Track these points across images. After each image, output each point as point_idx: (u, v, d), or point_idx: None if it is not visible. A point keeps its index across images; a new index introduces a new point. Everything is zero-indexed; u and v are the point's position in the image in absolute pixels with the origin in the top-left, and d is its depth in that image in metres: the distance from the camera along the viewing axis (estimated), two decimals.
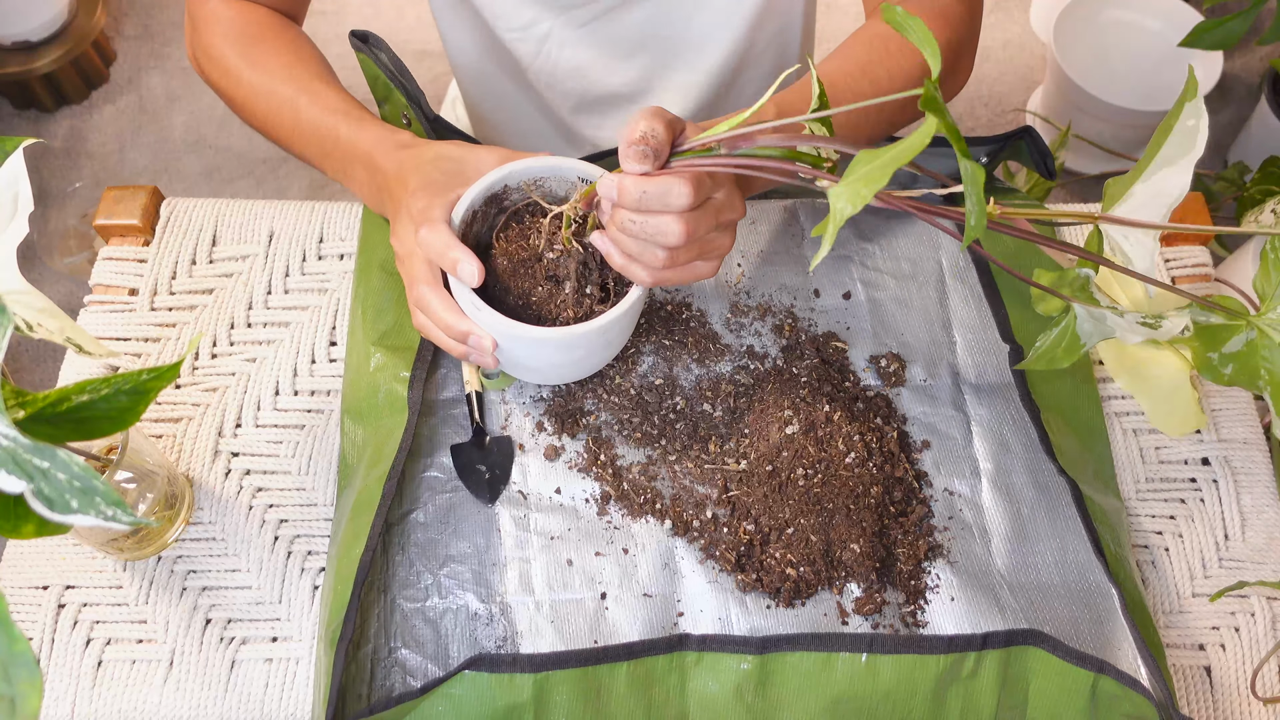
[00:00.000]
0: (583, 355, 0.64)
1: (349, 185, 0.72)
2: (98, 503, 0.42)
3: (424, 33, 1.93)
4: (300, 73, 0.72)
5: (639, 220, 0.54)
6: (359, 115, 0.70)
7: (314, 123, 0.70)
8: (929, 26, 0.68)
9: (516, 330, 0.58)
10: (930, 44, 0.47)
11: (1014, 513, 0.67)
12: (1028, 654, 0.61)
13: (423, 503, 0.66)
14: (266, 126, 0.73)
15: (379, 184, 0.67)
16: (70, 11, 1.81)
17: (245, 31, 0.74)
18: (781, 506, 0.64)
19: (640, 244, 0.55)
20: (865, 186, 0.42)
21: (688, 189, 0.52)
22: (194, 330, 0.74)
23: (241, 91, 0.73)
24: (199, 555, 0.66)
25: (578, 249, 0.61)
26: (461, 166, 0.63)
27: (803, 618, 0.62)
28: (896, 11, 0.47)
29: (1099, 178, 1.75)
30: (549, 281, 0.62)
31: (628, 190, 0.53)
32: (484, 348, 0.60)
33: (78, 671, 0.62)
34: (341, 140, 0.69)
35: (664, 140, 0.53)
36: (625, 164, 0.53)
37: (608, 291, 0.63)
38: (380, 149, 0.67)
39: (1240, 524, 0.69)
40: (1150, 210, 0.56)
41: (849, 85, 0.67)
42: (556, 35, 0.85)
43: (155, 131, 1.86)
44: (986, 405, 0.71)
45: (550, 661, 0.58)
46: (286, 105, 0.71)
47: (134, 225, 0.78)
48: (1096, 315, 0.59)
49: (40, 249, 1.69)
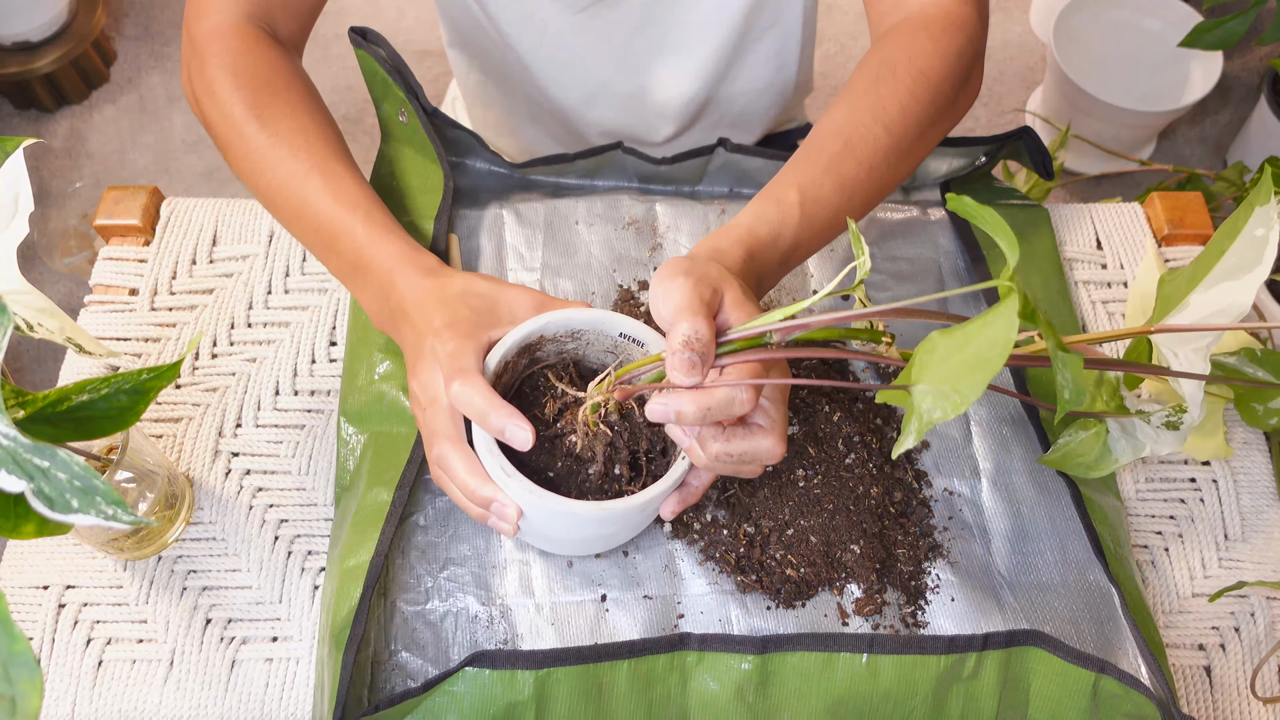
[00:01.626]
0: (616, 531, 0.59)
1: (352, 289, 0.66)
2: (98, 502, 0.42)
3: (424, 32, 1.93)
4: (316, 143, 0.66)
5: (736, 452, 0.52)
6: (381, 219, 0.64)
7: (328, 215, 0.64)
8: (935, 37, 0.67)
9: (549, 503, 0.53)
10: (1008, 237, 0.43)
11: (1014, 513, 0.67)
12: (1028, 654, 0.61)
13: (423, 506, 0.66)
14: (266, 196, 0.67)
15: (393, 307, 0.62)
16: (70, 11, 1.81)
17: (255, 74, 0.68)
18: (781, 508, 0.64)
19: (742, 464, 0.54)
20: (957, 393, 0.39)
21: (749, 395, 0.50)
22: (194, 330, 0.74)
23: (245, 149, 0.67)
24: (199, 555, 0.66)
25: (604, 431, 0.57)
26: (492, 305, 0.59)
27: (803, 619, 0.62)
28: (964, 201, 0.45)
29: (1098, 178, 1.75)
30: (570, 459, 0.58)
31: (687, 415, 0.50)
32: (508, 516, 0.55)
33: (78, 671, 0.62)
34: (360, 245, 0.63)
35: (709, 340, 0.49)
36: (673, 375, 0.49)
37: (639, 467, 0.59)
38: (402, 270, 0.61)
39: (1240, 524, 0.69)
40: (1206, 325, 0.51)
41: (863, 138, 0.63)
42: (555, 24, 0.85)
43: (155, 131, 1.86)
44: (986, 405, 0.71)
45: (551, 658, 0.58)
46: (294, 183, 0.65)
47: (134, 225, 0.78)
48: (1129, 428, 0.56)
49: (40, 249, 1.69)
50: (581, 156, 0.79)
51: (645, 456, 0.59)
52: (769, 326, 0.50)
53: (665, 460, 0.59)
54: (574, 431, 0.57)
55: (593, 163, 0.80)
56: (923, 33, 0.67)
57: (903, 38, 0.68)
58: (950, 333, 0.40)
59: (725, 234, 0.59)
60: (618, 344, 0.59)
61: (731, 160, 0.79)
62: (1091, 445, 0.58)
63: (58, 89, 1.84)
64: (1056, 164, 1.55)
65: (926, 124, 0.66)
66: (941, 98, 0.66)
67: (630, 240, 0.77)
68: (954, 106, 0.69)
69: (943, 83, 0.66)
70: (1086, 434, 0.58)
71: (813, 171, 0.62)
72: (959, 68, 0.67)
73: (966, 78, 0.69)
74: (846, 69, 1.95)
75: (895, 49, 0.67)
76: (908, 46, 0.67)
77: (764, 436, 0.53)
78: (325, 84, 1.86)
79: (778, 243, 0.60)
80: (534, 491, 0.53)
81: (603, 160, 0.80)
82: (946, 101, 0.67)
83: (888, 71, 0.66)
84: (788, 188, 0.61)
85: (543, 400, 0.59)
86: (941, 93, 0.66)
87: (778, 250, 0.60)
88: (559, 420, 0.58)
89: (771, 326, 0.49)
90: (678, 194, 0.82)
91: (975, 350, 0.39)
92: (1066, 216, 0.83)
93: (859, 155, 0.63)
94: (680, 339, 0.49)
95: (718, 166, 0.80)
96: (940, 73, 0.66)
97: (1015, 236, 0.43)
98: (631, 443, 0.58)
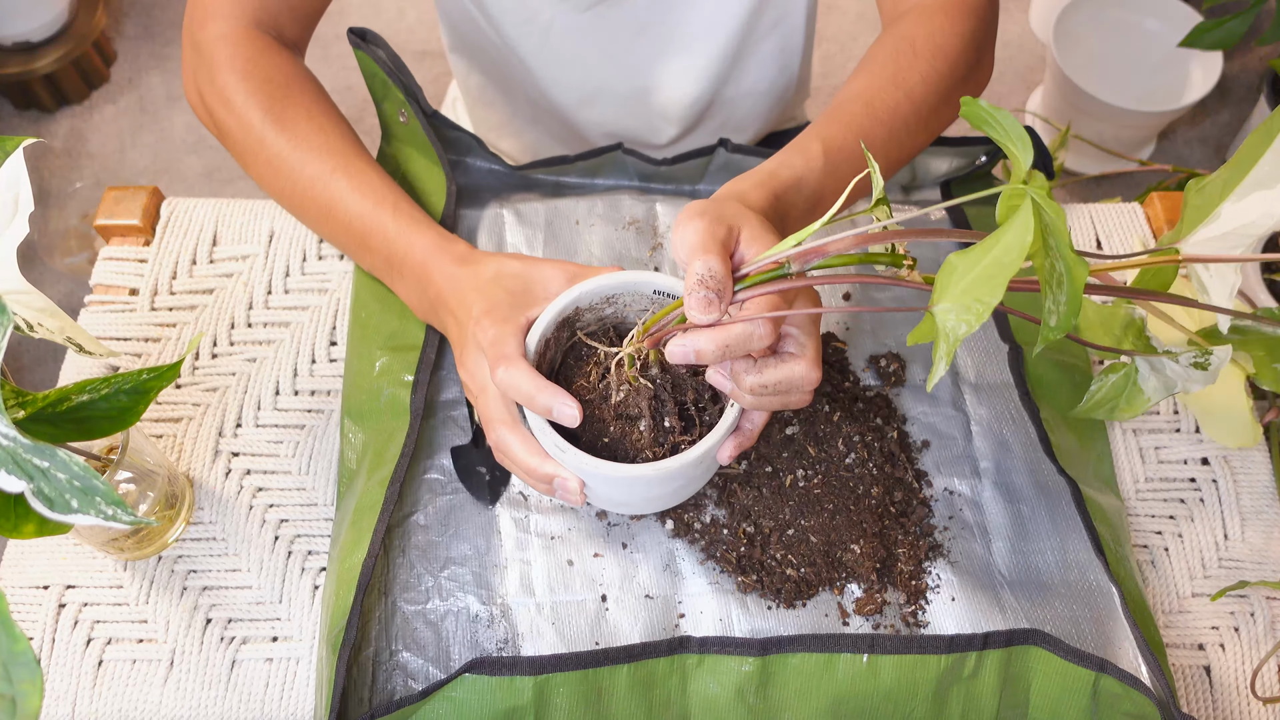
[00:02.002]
0: (679, 486, 0.59)
1: (389, 283, 0.68)
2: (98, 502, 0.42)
3: (424, 33, 1.93)
4: (336, 142, 0.67)
5: (770, 382, 0.52)
6: (409, 211, 0.65)
7: (358, 212, 0.65)
8: (952, 18, 0.68)
9: (605, 470, 0.55)
10: (1023, 140, 0.43)
11: (1014, 512, 0.67)
12: (1029, 653, 0.61)
13: (423, 505, 0.66)
14: (291, 200, 0.68)
15: (432, 298, 0.63)
16: (71, 12, 1.81)
17: (269, 79, 0.68)
18: (781, 507, 0.64)
19: (783, 396, 0.53)
20: (979, 302, 0.38)
21: (768, 328, 0.49)
22: (194, 330, 0.74)
23: (266, 155, 0.67)
24: (199, 555, 0.66)
25: (646, 385, 0.57)
26: (527, 285, 0.60)
27: (804, 618, 0.62)
28: (979, 105, 0.44)
29: (1098, 178, 1.75)
30: (620, 420, 0.58)
31: (706, 353, 0.50)
32: (571, 489, 0.56)
33: (78, 671, 0.62)
34: (391, 240, 0.65)
35: (724, 276, 0.49)
36: (690, 314, 0.49)
37: (690, 418, 0.59)
38: (436, 263, 0.63)
39: (1240, 524, 0.69)
40: (1236, 239, 0.48)
41: (884, 101, 0.65)
42: (559, 24, 0.85)
43: (155, 131, 1.86)
44: (986, 405, 0.71)
45: (551, 664, 0.58)
46: (320, 184, 0.66)
47: (134, 225, 0.78)
48: (1157, 366, 0.54)
49: (41, 249, 1.69)
50: (582, 158, 0.79)
51: (695, 407, 0.59)
52: (784, 253, 0.48)
53: (718, 408, 0.60)
54: (619, 392, 0.58)
55: (593, 163, 0.80)
56: (939, 14, 0.69)
57: (919, 18, 0.69)
58: (966, 251, 0.40)
59: (747, 176, 0.59)
60: (654, 301, 0.60)
61: (732, 160, 0.79)
62: (1121, 386, 0.57)
63: (58, 89, 1.84)
64: (1056, 164, 1.55)
65: (944, 96, 0.68)
66: (958, 73, 0.68)
67: (631, 240, 0.77)
68: (967, 84, 0.70)
69: (958, 59, 0.68)
70: (1115, 376, 0.57)
71: (834, 128, 0.63)
72: (973, 46, 0.69)
73: (980, 57, 0.71)
74: (846, 69, 1.95)
75: (913, 27, 0.69)
76: (925, 25, 0.68)
77: (796, 362, 0.52)
78: (325, 84, 1.85)
79: (801, 187, 0.60)
80: (590, 462, 0.54)
81: (603, 161, 0.80)
82: (961, 78, 0.69)
83: (906, 46, 0.67)
84: (811, 139, 0.62)
85: (586, 368, 0.60)
86: (957, 68, 0.68)
87: (801, 195, 0.60)
88: (603, 382, 0.59)
89: (787, 253, 0.48)
90: (678, 194, 0.82)
91: (992, 258, 0.38)
92: (1066, 216, 0.83)
93: (880, 116, 0.64)
94: (695, 277, 0.49)
95: (718, 167, 0.80)
96: (956, 49, 0.68)
97: (1028, 139, 0.42)
98: (677, 394, 0.59)
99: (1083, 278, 0.39)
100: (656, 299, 0.60)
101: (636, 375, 0.57)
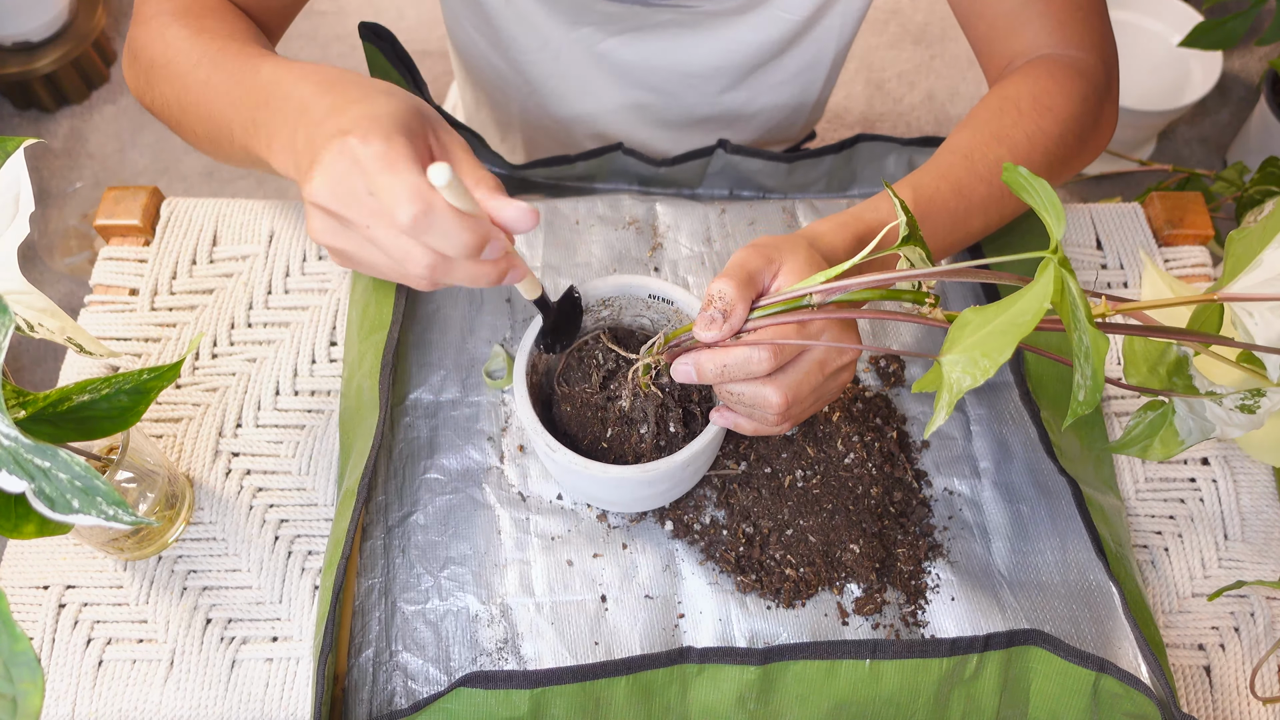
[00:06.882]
0: (667, 488, 0.60)
1: (267, 152, 0.53)
2: (99, 502, 0.42)
3: (424, 33, 1.93)
4: (242, 36, 0.60)
5: (736, 392, 0.52)
6: (292, 61, 0.55)
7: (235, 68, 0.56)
8: (1058, 80, 0.65)
9: (595, 470, 0.56)
10: (1057, 210, 0.42)
11: (1014, 512, 0.67)
12: (1029, 653, 0.61)
13: (422, 505, 0.66)
14: (189, 98, 0.59)
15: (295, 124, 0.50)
16: (71, 12, 1.81)
17: (202, 4, 0.62)
18: (781, 508, 0.64)
19: (750, 409, 0.53)
20: (986, 358, 0.39)
21: (767, 354, 0.49)
22: (194, 330, 0.74)
23: (169, 56, 0.59)
24: (199, 555, 0.66)
25: (656, 393, 0.59)
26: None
27: (803, 618, 0.62)
28: (1019, 171, 0.44)
29: (1098, 178, 1.75)
30: (622, 423, 0.60)
31: (706, 370, 0.51)
32: (511, 251, 0.48)
33: (78, 671, 0.62)
34: (265, 83, 0.54)
35: (734, 300, 0.49)
36: (697, 332, 0.50)
37: (693, 415, 0.61)
38: (307, 78, 0.51)
39: (1240, 524, 0.69)
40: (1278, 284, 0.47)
41: (984, 156, 0.63)
42: (569, 52, 0.85)
43: (155, 131, 1.86)
44: (986, 405, 0.71)
45: (547, 678, 0.58)
46: (208, 61, 0.58)
47: (134, 225, 0.78)
48: (1197, 408, 0.53)
49: (41, 249, 1.69)
50: (582, 158, 0.79)
51: (699, 407, 0.61)
52: (807, 289, 0.49)
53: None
54: (623, 395, 0.59)
55: (593, 164, 0.80)
56: (1045, 75, 0.66)
57: (1025, 78, 0.67)
58: (982, 309, 0.41)
59: (832, 217, 0.58)
60: (650, 304, 0.61)
61: (731, 162, 0.79)
62: (1157, 425, 0.56)
63: (58, 89, 1.84)
64: None
65: (1055, 158, 0.65)
66: (1070, 135, 0.65)
67: (631, 240, 0.77)
68: (1084, 146, 0.68)
69: (1070, 120, 0.65)
70: (1154, 415, 0.56)
71: (928, 177, 0.62)
72: (1085, 109, 0.66)
73: (1096, 119, 0.68)
74: (851, 91, 1.95)
75: (1018, 87, 0.66)
76: (1031, 85, 0.66)
77: (764, 384, 0.51)
78: None
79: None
80: (579, 462, 0.56)
81: (603, 161, 0.80)
82: (1075, 139, 0.66)
83: (1011, 105, 0.65)
84: (902, 186, 0.61)
85: (589, 370, 0.61)
86: (1069, 130, 0.65)
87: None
88: (610, 385, 0.61)
89: (811, 289, 0.49)
90: (678, 195, 0.82)
91: (1007, 317, 0.39)
92: (1066, 216, 0.83)
93: (978, 170, 0.62)
94: (707, 297, 0.50)
95: (717, 169, 0.80)
96: (1066, 110, 0.65)
97: (1062, 211, 0.42)
98: (683, 401, 0.61)
99: (1103, 353, 0.39)
100: (653, 302, 0.61)
101: (649, 383, 0.59)
